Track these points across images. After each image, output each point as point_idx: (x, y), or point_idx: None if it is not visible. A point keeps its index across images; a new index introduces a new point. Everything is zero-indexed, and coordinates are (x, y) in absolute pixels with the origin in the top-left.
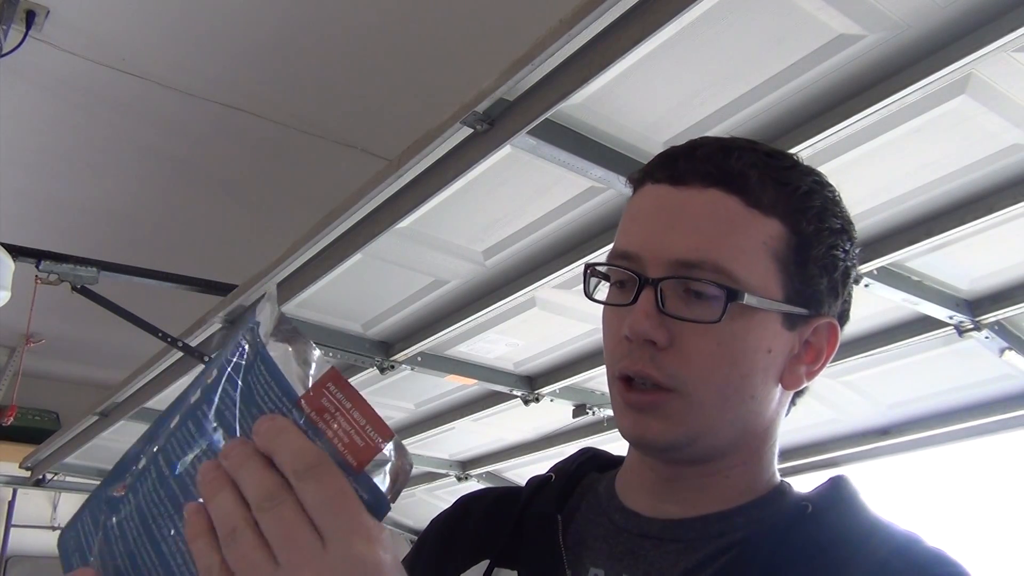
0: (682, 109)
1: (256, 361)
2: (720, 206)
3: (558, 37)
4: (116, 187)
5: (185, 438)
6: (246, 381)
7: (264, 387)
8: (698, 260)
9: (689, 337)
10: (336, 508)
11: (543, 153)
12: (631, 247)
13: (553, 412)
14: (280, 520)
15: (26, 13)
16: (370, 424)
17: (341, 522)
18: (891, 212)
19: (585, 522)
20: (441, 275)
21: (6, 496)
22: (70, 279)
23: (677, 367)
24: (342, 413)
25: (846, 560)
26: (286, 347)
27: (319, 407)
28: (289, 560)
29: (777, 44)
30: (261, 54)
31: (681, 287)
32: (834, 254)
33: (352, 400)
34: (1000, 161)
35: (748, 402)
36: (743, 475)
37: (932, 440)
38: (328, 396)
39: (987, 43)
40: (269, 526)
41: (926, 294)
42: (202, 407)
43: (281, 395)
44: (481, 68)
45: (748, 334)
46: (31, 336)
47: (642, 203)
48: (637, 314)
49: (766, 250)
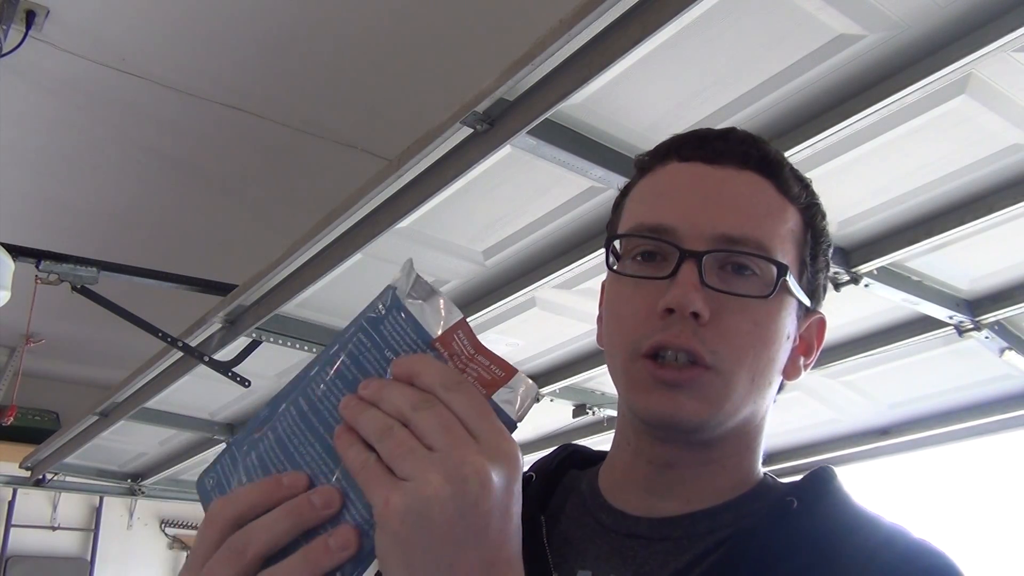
0: (682, 109)
1: (391, 313)
2: (759, 188)
3: (558, 37)
4: (116, 187)
5: (323, 379)
6: (378, 331)
7: (400, 333)
8: (742, 236)
9: (729, 315)
10: (483, 413)
11: (543, 153)
12: (667, 220)
13: (553, 412)
14: (437, 415)
15: (26, 13)
16: (494, 364)
17: (487, 424)
18: (891, 212)
19: (570, 523)
20: (441, 275)
21: (6, 496)
22: (70, 279)
23: (717, 344)
24: (468, 354)
25: (834, 554)
26: (421, 303)
27: (450, 349)
28: (447, 444)
29: (777, 44)
30: (262, 54)
31: (719, 262)
32: (829, 254)
33: (475, 346)
34: (1000, 161)
35: (766, 388)
36: (737, 467)
37: (932, 440)
38: (457, 341)
39: (987, 43)
40: (425, 422)
41: (926, 294)
42: (340, 355)
43: (416, 338)
44: (481, 68)
45: (780, 317)
46: (31, 336)
47: (673, 179)
48: (683, 285)
49: (792, 237)
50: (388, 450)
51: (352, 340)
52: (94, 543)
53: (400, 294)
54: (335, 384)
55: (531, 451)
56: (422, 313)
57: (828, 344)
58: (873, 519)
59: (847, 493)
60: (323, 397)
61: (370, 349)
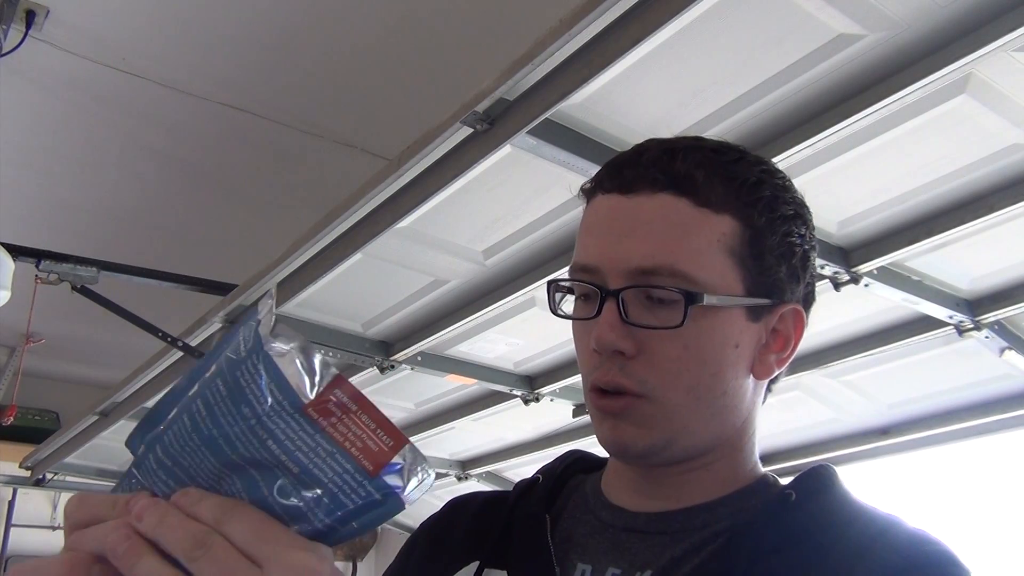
0: (682, 109)
1: (251, 359)
2: (671, 209)
3: (558, 37)
4: (116, 187)
5: (183, 423)
6: (235, 379)
7: (260, 390)
8: (654, 266)
9: (656, 343)
10: (266, 535)
11: (543, 153)
12: (589, 260)
13: (553, 412)
14: (215, 560)
15: (26, 13)
16: (381, 428)
17: (273, 545)
18: (891, 212)
19: (572, 521)
20: (441, 275)
21: (6, 496)
22: (70, 279)
23: (646, 373)
24: (351, 418)
25: (830, 545)
26: (289, 350)
27: (326, 412)
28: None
29: (777, 44)
30: (262, 54)
31: (642, 294)
32: (790, 241)
33: (360, 405)
34: (1000, 161)
35: (720, 399)
36: (725, 467)
37: (932, 440)
38: (335, 401)
39: (987, 43)
40: (205, 570)
41: (926, 294)
42: (197, 398)
43: (282, 399)
44: (481, 68)
45: (713, 333)
46: (31, 336)
47: (595, 214)
48: (602, 326)
49: (720, 247)
50: None
51: (210, 385)
52: None
53: (263, 333)
54: (192, 439)
55: (531, 451)
56: (289, 366)
57: (828, 344)
58: (869, 511)
59: (845, 488)
60: (182, 451)
61: (225, 401)
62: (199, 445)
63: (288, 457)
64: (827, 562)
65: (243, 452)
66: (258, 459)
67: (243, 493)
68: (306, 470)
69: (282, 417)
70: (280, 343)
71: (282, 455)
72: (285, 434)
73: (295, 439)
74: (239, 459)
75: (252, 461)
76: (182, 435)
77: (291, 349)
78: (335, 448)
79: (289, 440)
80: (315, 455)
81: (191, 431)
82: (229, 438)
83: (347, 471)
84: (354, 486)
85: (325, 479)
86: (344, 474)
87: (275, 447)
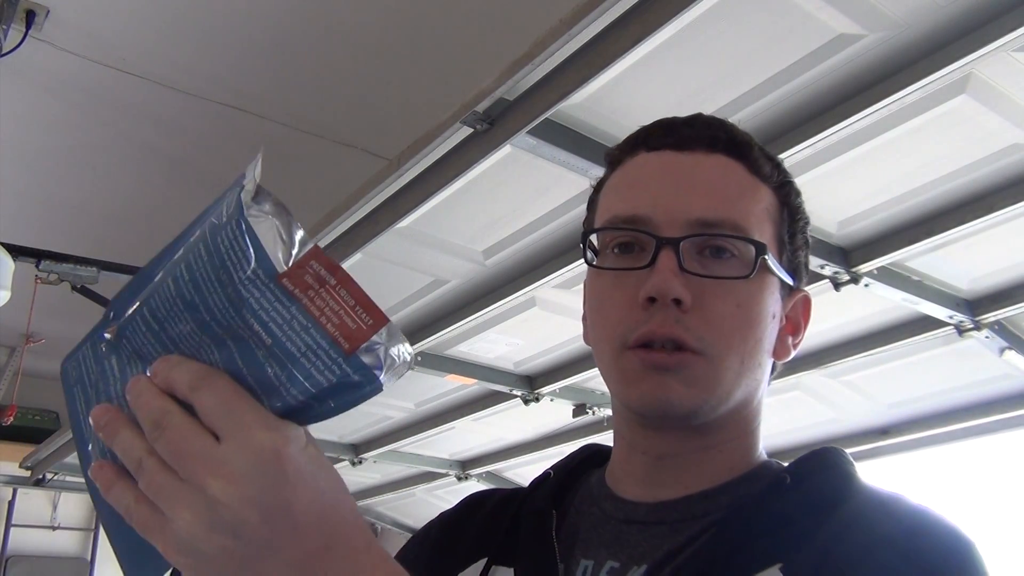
0: (682, 109)
1: (231, 224)
2: (729, 170)
3: (558, 37)
4: (116, 187)
5: (168, 288)
6: (216, 244)
7: (238, 255)
8: (717, 218)
9: (711, 298)
10: (233, 408)
11: (543, 153)
12: (641, 210)
13: (553, 412)
14: (169, 440)
15: (26, 13)
16: (360, 305)
17: (235, 418)
18: (891, 212)
19: (578, 515)
20: (441, 275)
21: (6, 496)
22: (70, 279)
23: (702, 330)
24: (329, 292)
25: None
26: (268, 217)
27: (303, 284)
28: (187, 469)
29: (777, 44)
30: (261, 54)
31: (695, 248)
32: (808, 231)
33: (338, 278)
34: (1000, 161)
35: (756, 370)
36: (735, 450)
37: (932, 440)
38: (312, 272)
39: (987, 43)
40: (163, 450)
41: (926, 294)
42: (181, 263)
43: (257, 268)
44: (481, 68)
45: (762, 296)
46: (31, 336)
47: (643, 169)
48: (663, 273)
49: (768, 216)
50: (145, 489)
51: (193, 250)
52: (94, 543)
53: (245, 199)
54: (176, 304)
55: (531, 451)
56: (268, 233)
57: (828, 344)
58: (871, 488)
59: (850, 470)
60: (167, 315)
61: (205, 267)
62: (182, 310)
63: (262, 328)
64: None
65: (221, 320)
66: (235, 329)
67: (220, 364)
68: (279, 343)
69: (256, 286)
70: (260, 209)
71: (256, 326)
72: (260, 304)
73: (269, 310)
74: (218, 328)
75: (230, 331)
76: (167, 299)
77: (270, 215)
78: (310, 322)
79: (263, 311)
80: (289, 328)
81: (175, 296)
82: (208, 306)
83: (321, 347)
84: (328, 363)
85: (298, 354)
86: (319, 350)
87: (250, 317)
